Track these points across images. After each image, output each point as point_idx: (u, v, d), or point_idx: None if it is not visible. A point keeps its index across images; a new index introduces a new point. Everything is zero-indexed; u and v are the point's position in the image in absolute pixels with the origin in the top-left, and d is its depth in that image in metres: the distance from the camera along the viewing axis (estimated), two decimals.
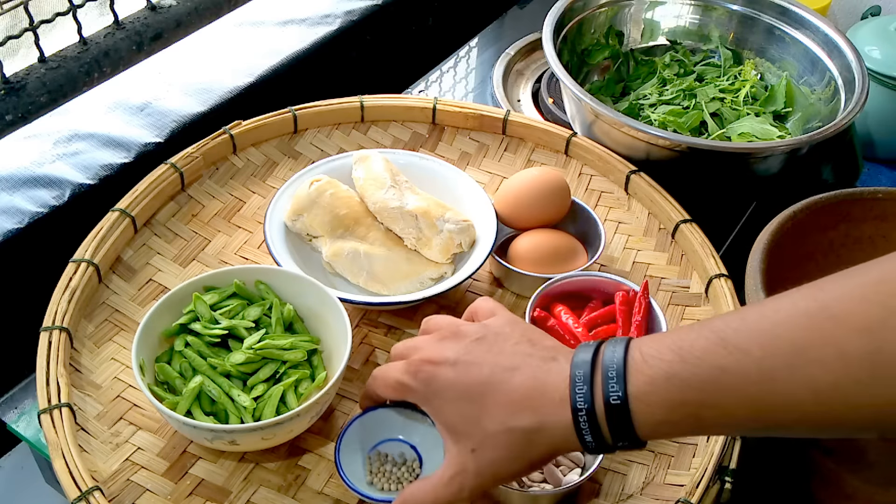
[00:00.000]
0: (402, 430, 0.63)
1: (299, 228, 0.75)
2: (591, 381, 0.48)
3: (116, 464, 0.62)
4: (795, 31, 0.96)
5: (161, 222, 0.78)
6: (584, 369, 0.48)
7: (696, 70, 1.00)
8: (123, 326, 0.71)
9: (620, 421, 0.47)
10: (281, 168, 0.85)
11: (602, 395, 0.47)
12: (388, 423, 0.63)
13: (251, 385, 0.64)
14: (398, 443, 0.63)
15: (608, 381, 0.47)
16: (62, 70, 0.76)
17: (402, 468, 0.62)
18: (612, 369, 0.47)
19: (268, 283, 0.69)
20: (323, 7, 1.06)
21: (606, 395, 0.47)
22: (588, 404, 0.47)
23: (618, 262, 0.80)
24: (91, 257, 0.71)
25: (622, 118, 0.83)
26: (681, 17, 1.03)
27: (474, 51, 1.15)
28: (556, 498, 0.63)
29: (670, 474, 0.65)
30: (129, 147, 0.86)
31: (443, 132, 0.90)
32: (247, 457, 0.64)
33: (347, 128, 0.89)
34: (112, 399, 0.66)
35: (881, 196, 0.75)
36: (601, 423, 0.47)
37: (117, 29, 0.80)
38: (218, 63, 0.97)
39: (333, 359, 0.66)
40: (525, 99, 1.07)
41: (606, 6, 0.99)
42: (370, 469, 0.62)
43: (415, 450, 0.63)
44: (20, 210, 0.78)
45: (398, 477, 0.62)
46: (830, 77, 0.91)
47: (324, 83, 1.04)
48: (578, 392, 0.48)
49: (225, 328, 0.65)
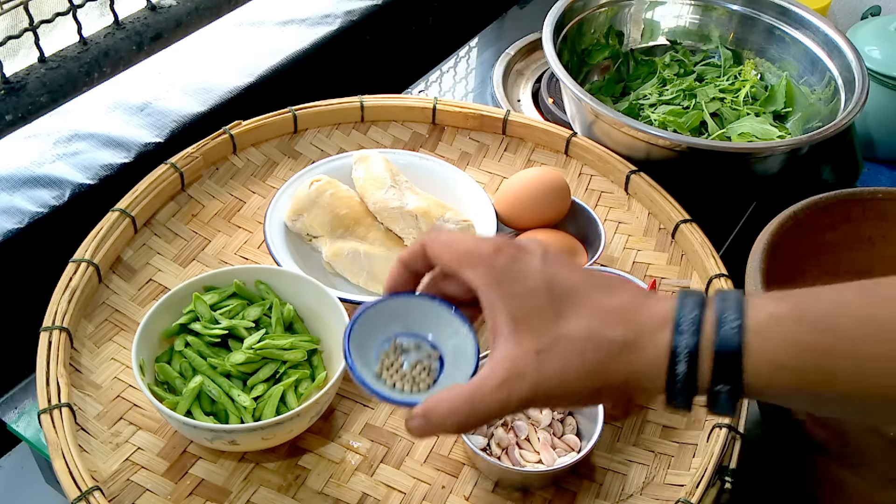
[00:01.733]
0: (426, 326, 0.53)
1: (299, 228, 0.75)
2: (701, 307, 0.41)
3: (116, 464, 0.62)
4: (795, 31, 0.96)
5: (161, 222, 0.78)
6: (694, 297, 0.42)
7: (696, 70, 1.00)
8: (123, 326, 0.71)
9: (728, 354, 0.40)
10: (281, 168, 0.85)
11: (713, 321, 0.41)
12: (412, 315, 0.53)
13: (251, 385, 0.64)
14: (420, 341, 0.53)
15: (724, 309, 0.41)
16: (62, 70, 0.76)
17: (420, 370, 0.52)
18: (730, 300, 0.41)
19: (268, 283, 0.69)
20: (323, 7, 1.06)
21: (721, 319, 0.40)
22: (694, 327, 0.41)
23: (618, 262, 0.80)
24: (91, 257, 0.71)
25: (622, 118, 0.83)
26: (681, 17, 1.03)
27: (474, 51, 1.15)
28: (547, 479, 0.63)
29: (670, 474, 0.65)
30: (129, 147, 0.86)
31: (443, 132, 0.90)
32: (247, 457, 0.64)
33: (347, 128, 0.89)
34: (112, 399, 0.66)
35: (881, 196, 0.75)
36: (703, 354, 0.41)
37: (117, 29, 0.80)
38: (218, 63, 0.97)
39: (333, 359, 0.66)
40: (525, 99, 1.07)
41: (606, 6, 0.99)
42: (383, 365, 0.52)
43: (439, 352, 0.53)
44: (20, 210, 0.78)
45: (413, 377, 0.52)
46: (830, 77, 0.91)
47: (324, 83, 1.04)
48: (685, 315, 0.41)
49: (225, 328, 0.65)
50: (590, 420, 0.64)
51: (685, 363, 0.41)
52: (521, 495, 0.63)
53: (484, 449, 0.64)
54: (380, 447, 0.66)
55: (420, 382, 0.51)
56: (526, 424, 0.65)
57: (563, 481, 0.64)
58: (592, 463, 0.65)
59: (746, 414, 0.65)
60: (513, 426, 0.65)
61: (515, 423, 0.65)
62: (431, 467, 0.65)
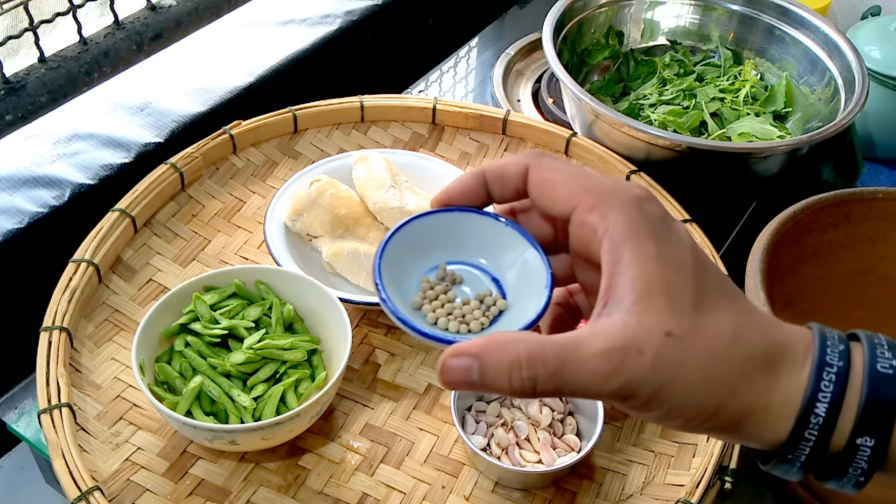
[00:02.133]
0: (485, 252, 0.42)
1: (299, 228, 0.75)
2: (846, 345, 0.34)
3: (116, 464, 0.62)
4: (795, 31, 0.96)
5: (161, 222, 0.78)
6: (835, 334, 0.35)
7: (696, 70, 1.00)
8: (123, 326, 0.71)
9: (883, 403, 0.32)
10: (281, 168, 0.85)
11: (864, 362, 0.33)
12: (468, 236, 0.42)
13: (251, 385, 0.64)
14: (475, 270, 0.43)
15: (875, 346, 0.34)
16: (62, 70, 0.76)
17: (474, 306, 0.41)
18: (880, 339, 0.34)
19: (268, 283, 0.69)
20: (323, 7, 1.06)
21: (871, 362, 0.33)
22: (842, 363, 0.33)
23: None
24: (91, 257, 0.71)
25: (622, 118, 0.83)
26: (681, 17, 1.03)
27: (474, 51, 1.15)
28: (547, 479, 0.63)
29: (670, 474, 0.65)
30: (129, 147, 0.86)
31: (443, 132, 0.90)
32: (247, 457, 0.64)
33: (347, 128, 0.89)
34: (112, 399, 0.66)
35: (881, 196, 0.75)
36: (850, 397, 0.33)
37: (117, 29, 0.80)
38: (218, 63, 0.97)
39: (333, 359, 0.66)
40: (525, 99, 1.07)
41: (606, 6, 0.99)
42: (425, 296, 0.41)
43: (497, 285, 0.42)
44: (20, 210, 0.78)
45: (463, 314, 0.41)
46: (830, 77, 0.91)
47: (324, 83, 1.04)
48: (830, 349, 0.34)
49: (225, 328, 0.65)
50: (590, 420, 0.64)
51: (826, 404, 0.33)
52: (522, 495, 0.63)
53: (484, 449, 0.64)
54: (380, 447, 0.66)
55: (471, 322, 0.40)
56: (526, 424, 0.65)
57: (563, 481, 0.64)
58: (592, 463, 0.65)
59: None
60: (513, 426, 0.65)
61: (515, 424, 0.65)
62: (431, 467, 0.65)
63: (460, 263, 0.42)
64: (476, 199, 0.41)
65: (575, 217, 0.37)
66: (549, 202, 0.38)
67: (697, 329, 0.34)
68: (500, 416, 0.66)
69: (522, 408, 0.67)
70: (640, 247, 0.34)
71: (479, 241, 0.42)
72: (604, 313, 0.34)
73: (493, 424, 0.65)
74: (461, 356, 0.34)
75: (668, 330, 0.33)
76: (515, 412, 0.67)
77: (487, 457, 0.62)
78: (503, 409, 0.67)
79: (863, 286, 0.77)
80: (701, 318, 0.34)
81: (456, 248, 0.42)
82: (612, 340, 0.33)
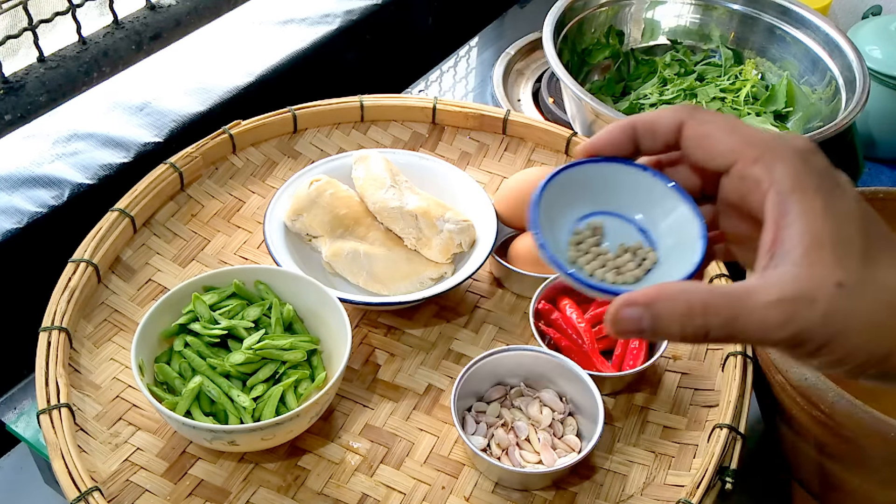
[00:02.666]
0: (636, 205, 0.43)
1: (299, 228, 0.75)
2: None
3: (116, 464, 0.62)
4: (796, 31, 0.96)
5: (160, 222, 0.78)
6: None
7: (696, 70, 1.00)
8: (123, 327, 0.71)
9: None
10: (280, 168, 0.85)
11: None
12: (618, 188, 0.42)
13: (251, 385, 0.64)
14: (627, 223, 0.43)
15: None
16: (61, 70, 0.76)
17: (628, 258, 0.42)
18: None
19: (267, 284, 0.68)
20: (323, 6, 1.06)
21: None
22: None
23: None
24: (90, 257, 0.71)
25: (623, 118, 0.82)
26: (681, 17, 1.02)
27: (474, 50, 1.15)
28: (547, 479, 0.63)
29: (671, 475, 0.65)
30: (129, 147, 0.86)
31: (443, 132, 0.90)
32: (246, 457, 0.64)
33: (347, 127, 0.89)
34: (111, 399, 0.66)
35: (882, 196, 0.74)
36: None
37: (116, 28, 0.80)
38: (217, 62, 0.97)
39: (333, 359, 0.66)
40: (525, 98, 1.07)
41: (607, 5, 0.99)
42: (578, 248, 0.42)
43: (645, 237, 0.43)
44: (19, 210, 0.78)
45: (618, 266, 0.41)
46: (831, 77, 0.91)
47: (323, 83, 1.03)
48: None
49: (224, 328, 0.65)
50: (590, 420, 0.64)
51: None
52: (521, 496, 0.63)
53: (484, 449, 0.64)
54: (380, 447, 0.66)
55: (626, 273, 0.41)
56: (526, 425, 0.65)
57: (564, 482, 0.64)
58: (592, 463, 0.65)
59: (747, 414, 0.65)
60: (513, 426, 0.65)
61: (515, 424, 0.65)
62: (431, 468, 0.65)
63: (609, 214, 0.43)
64: (623, 150, 0.41)
65: (736, 170, 0.37)
66: (708, 156, 0.38)
67: (866, 280, 0.34)
68: (501, 417, 0.66)
69: (522, 408, 0.67)
70: (807, 200, 0.35)
71: (628, 193, 0.42)
72: (771, 265, 0.35)
73: (493, 425, 0.65)
74: (633, 306, 0.35)
75: (839, 280, 0.34)
76: (515, 412, 0.66)
77: (487, 457, 0.62)
78: (503, 410, 0.66)
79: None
80: (869, 270, 0.35)
81: (604, 198, 0.42)
82: (784, 290, 0.34)
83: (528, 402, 0.67)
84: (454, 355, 0.72)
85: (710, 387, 0.70)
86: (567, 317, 0.70)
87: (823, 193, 0.35)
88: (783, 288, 0.34)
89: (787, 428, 0.65)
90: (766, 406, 0.69)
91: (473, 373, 0.66)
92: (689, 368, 0.71)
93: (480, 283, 0.78)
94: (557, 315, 0.71)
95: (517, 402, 0.67)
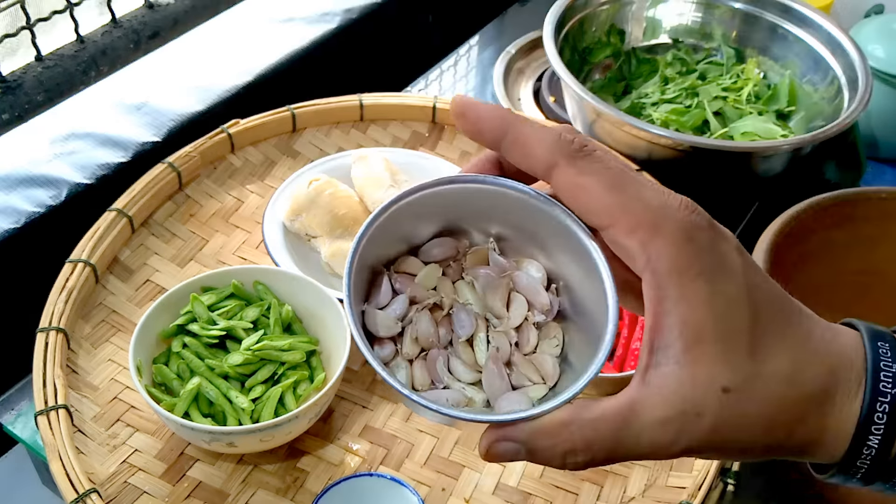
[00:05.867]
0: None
1: (298, 228, 0.75)
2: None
3: (114, 466, 0.62)
4: (798, 30, 0.95)
5: (158, 222, 0.78)
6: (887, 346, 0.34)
7: (698, 68, 0.99)
8: (120, 327, 0.70)
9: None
10: (279, 167, 0.84)
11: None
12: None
13: (249, 386, 0.63)
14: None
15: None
16: (59, 68, 0.76)
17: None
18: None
19: (266, 284, 0.68)
20: (322, 5, 1.06)
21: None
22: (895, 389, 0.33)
23: None
24: (88, 257, 0.71)
25: (624, 117, 0.82)
26: (683, 15, 1.02)
27: (475, 49, 1.15)
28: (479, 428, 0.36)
29: (672, 476, 0.64)
30: (127, 146, 0.85)
31: (443, 131, 0.90)
32: (245, 459, 0.64)
33: (346, 126, 0.88)
34: (109, 400, 0.66)
35: (884, 196, 0.74)
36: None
37: (114, 27, 0.80)
38: (216, 61, 0.96)
39: (332, 360, 0.65)
40: (526, 97, 1.06)
41: (608, 4, 0.99)
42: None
43: None
44: (17, 210, 0.78)
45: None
46: (833, 76, 0.91)
47: (323, 81, 1.03)
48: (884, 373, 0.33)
49: (223, 329, 0.65)
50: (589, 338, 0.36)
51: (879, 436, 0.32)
52: (521, 497, 0.63)
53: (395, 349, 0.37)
54: (379, 449, 0.65)
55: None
56: (471, 319, 0.38)
57: (565, 484, 0.64)
58: None
59: None
60: (450, 314, 0.38)
61: (454, 312, 0.38)
62: (431, 469, 0.64)
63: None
64: None
65: (610, 235, 0.33)
66: (581, 210, 0.34)
67: (755, 376, 0.32)
68: (435, 292, 0.38)
69: (477, 287, 0.38)
70: (687, 286, 0.32)
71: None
72: (653, 363, 0.32)
73: (419, 303, 0.38)
74: (508, 441, 0.33)
75: (724, 385, 0.32)
76: (463, 290, 0.38)
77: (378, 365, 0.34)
78: (442, 281, 0.38)
79: (865, 286, 0.77)
80: (756, 364, 0.32)
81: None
82: (667, 407, 0.32)
83: (489, 279, 0.38)
84: None
85: None
86: None
87: (706, 278, 0.32)
88: (666, 402, 0.32)
89: None
90: None
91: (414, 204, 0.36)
92: None
93: None
94: None
95: (472, 273, 0.38)
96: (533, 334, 0.37)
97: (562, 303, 0.37)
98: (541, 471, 0.64)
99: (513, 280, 0.38)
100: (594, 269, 0.33)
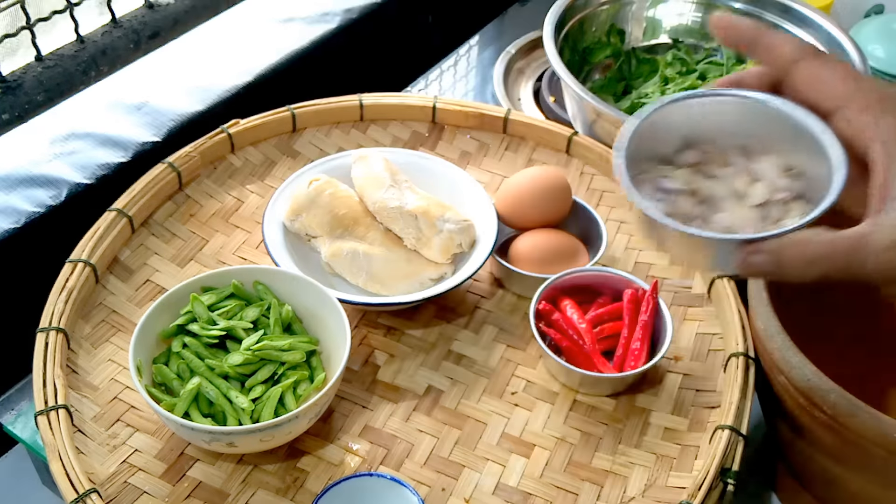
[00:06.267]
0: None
1: (298, 228, 0.75)
2: None
3: (114, 466, 0.62)
4: (798, 30, 0.95)
5: (158, 222, 0.78)
6: None
7: (698, 68, 0.99)
8: (120, 327, 0.70)
9: None
10: (279, 167, 0.84)
11: None
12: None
13: (249, 386, 0.63)
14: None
15: None
16: (59, 68, 0.76)
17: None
18: None
19: (266, 284, 0.68)
20: (322, 5, 1.06)
21: None
22: None
23: (619, 262, 0.79)
24: (88, 257, 0.71)
25: (624, 117, 0.82)
26: (683, 15, 1.02)
27: (475, 49, 1.15)
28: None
29: (672, 476, 0.64)
30: (127, 146, 0.85)
31: (443, 131, 0.90)
32: (245, 459, 0.64)
33: (346, 126, 0.88)
34: (109, 400, 0.66)
35: None
36: None
37: (114, 27, 0.80)
38: (216, 61, 0.96)
39: (332, 360, 0.65)
40: (526, 98, 1.06)
41: (608, 4, 0.99)
42: None
43: None
44: (17, 210, 0.78)
45: None
46: None
47: (323, 81, 1.03)
48: None
49: (223, 329, 0.65)
50: None
51: None
52: (522, 497, 0.63)
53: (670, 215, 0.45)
54: (379, 449, 0.65)
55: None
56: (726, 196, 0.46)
57: (565, 484, 0.64)
58: (593, 465, 0.65)
59: (749, 415, 0.65)
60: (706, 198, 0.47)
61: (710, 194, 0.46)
62: (431, 469, 0.64)
63: None
64: None
65: (844, 114, 0.41)
66: (819, 97, 0.42)
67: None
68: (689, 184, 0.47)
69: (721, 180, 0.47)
70: None
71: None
72: (883, 210, 0.40)
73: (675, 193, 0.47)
74: (760, 252, 0.41)
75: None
76: (714, 185, 0.47)
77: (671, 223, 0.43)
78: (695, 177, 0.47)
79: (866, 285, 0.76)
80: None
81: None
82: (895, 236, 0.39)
83: (730, 173, 0.47)
84: (454, 356, 0.72)
85: (711, 388, 0.69)
86: (568, 317, 0.70)
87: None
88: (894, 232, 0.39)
89: (789, 429, 0.65)
90: (769, 407, 0.68)
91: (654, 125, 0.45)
92: (691, 369, 0.71)
93: (481, 283, 0.77)
94: (558, 315, 0.70)
95: (718, 172, 0.47)
96: (776, 209, 0.45)
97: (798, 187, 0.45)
98: (541, 471, 0.64)
99: (754, 172, 0.46)
100: (824, 152, 0.42)
